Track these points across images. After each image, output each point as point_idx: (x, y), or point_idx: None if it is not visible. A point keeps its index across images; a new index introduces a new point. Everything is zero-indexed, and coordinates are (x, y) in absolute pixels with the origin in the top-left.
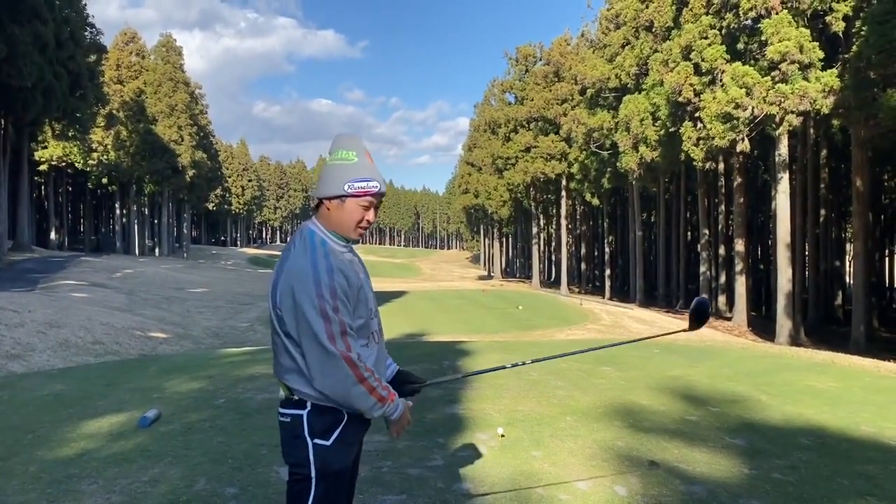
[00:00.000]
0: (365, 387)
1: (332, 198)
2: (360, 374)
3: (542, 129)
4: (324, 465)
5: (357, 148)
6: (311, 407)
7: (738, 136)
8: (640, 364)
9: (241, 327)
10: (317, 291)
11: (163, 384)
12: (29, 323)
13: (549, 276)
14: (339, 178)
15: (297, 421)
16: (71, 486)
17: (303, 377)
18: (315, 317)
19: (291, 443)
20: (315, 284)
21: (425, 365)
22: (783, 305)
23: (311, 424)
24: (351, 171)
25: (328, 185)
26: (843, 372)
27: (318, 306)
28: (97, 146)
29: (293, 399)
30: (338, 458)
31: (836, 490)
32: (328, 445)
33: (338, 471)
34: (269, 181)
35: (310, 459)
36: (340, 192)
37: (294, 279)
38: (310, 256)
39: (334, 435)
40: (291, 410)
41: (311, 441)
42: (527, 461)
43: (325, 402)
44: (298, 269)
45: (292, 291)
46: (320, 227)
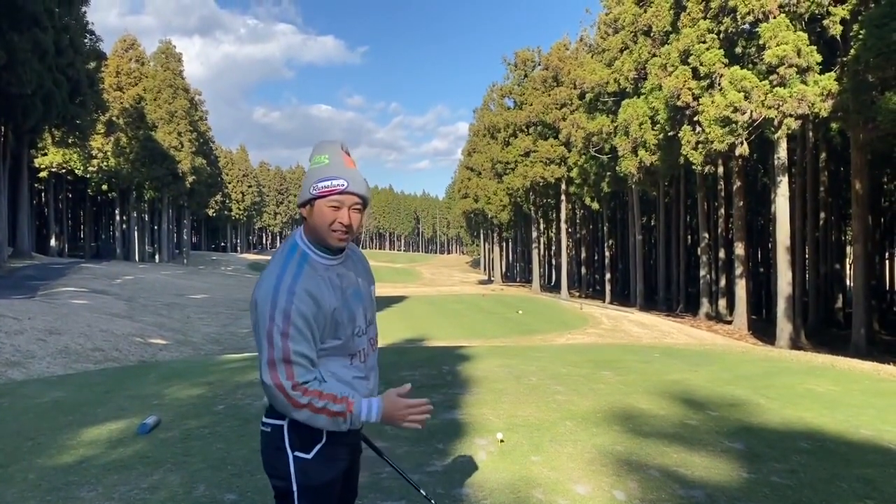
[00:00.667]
0: (309, 410)
1: (303, 204)
2: (297, 402)
3: (541, 133)
4: (305, 479)
5: (331, 151)
6: (289, 420)
7: (737, 139)
8: (639, 368)
9: (241, 333)
10: (269, 313)
11: (162, 391)
12: (29, 330)
13: (550, 281)
14: (309, 182)
15: (278, 432)
16: (70, 493)
17: None
18: (262, 339)
19: (273, 454)
20: (271, 305)
21: (424, 370)
22: (783, 308)
23: (290, 436)
24: (317, 173)
25: (301, 192)
26: (843, 375)
27: (267, 329)
28: (97, 153)
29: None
30: (319, 473)
31: (834, 494)
32: (309, 459)
33: (320, 486)
34: (269, 187)
35: (290, 472)
36: (307, 195)
37: (257, 295)
38: (276, 273)
39: (315, 449)
40: (272, 420)
41: (292, 453)
42: (526, 466)
43: None
44: (262, 286)
45: (255, 307)
46: (305, 239)
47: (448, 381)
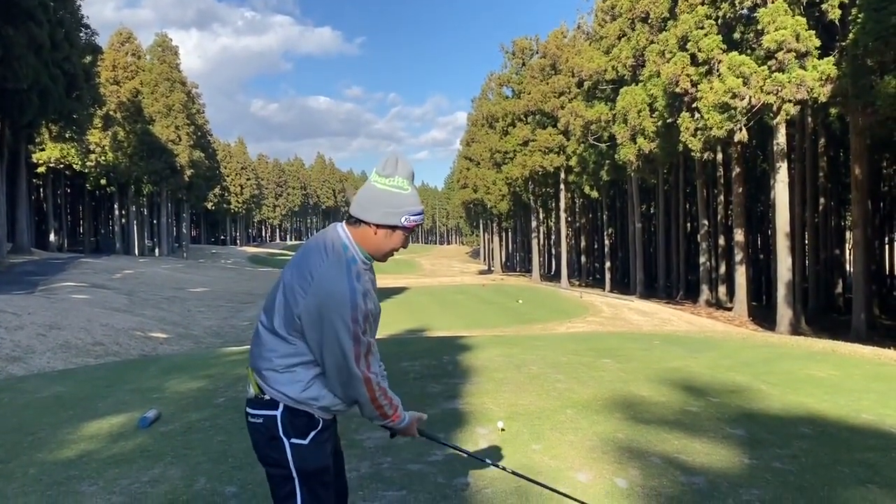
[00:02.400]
0: (374, 405)
1: (385, 226)
2: (374, 395)
3: (539, 122)
4: (303, 464)
5: (409, 177)
6: (283, 408)
7: (736, 125)
8: (640, 356)
9: (241, 326)
10: (352, 316)
11: (163, 384)
12: (29, 325)
13: (550, 270)
14: (397, 209)
15: (271, 422)
16: (71, 487)
17: (286, 379)
18: (347, 339)
19: (268, 444)
20: (352, 308)
21: (425, 360)
22: (783, 294)
23: (285, 425)
24: (407, 203)
25: (383, 213)
26: (843, 360)
27: (352, 330)
28: (95, 147)
29: (263, 399)
30: (316, 457)
31: (836, 478)
32: (305, 444)
33: (317, 469)
34: (268, 179)
35: (288, 459)
36: (397, 223)
37: (329, 299)
38: (346, 277)
39: (311, 435)
40: (263, 411)
41: (288, 441)
42: (527, 455)
43: (300, 406)
44: (335, 291)
45: (325, 308)
46: (353, 242)
47: (449, 370)
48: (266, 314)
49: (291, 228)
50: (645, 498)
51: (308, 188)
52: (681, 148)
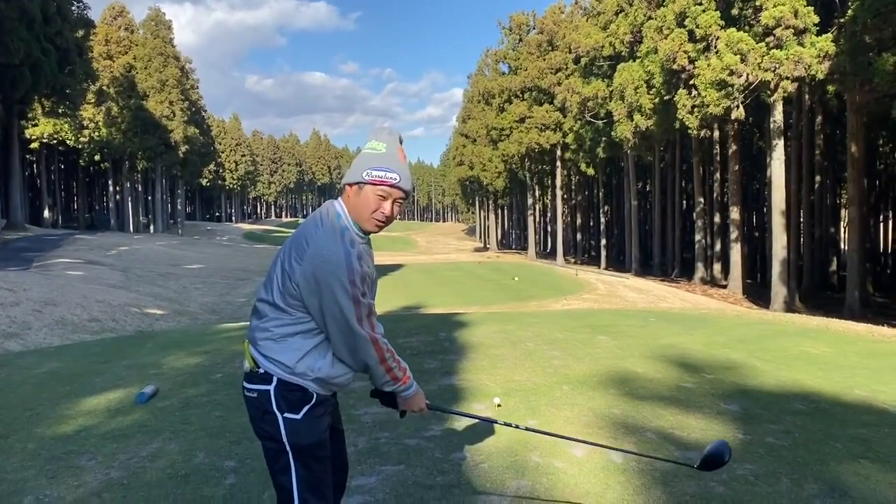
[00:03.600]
0: (384, 367)
1: (352, 183)
2: (382, 355)
3: (536, 99)
4: (296, 439)
5: (388, 141)
6: (277, 382)
7: (733, 103)
8: (635, 332)
9: (237, 303)
10: (349, 278)
11: (160, 360)
12: (24, 301)
13: (545, 247)
14: (362, 165)
15: (265, 396)
16: (70, 461)
17: (281, 349)
18: (347, 301)
19: (262, 418)
20: (348, 271)
21: (422, 337)
22: (778, 272)
23: (278, 399)
24: (373, 160)
25: (351, 171)
26: (838, 337)
27: (351, 293)
28: (88, 123)
29: (258, 373)
30: (310, 431)
31: (829, 453)
32: (299, 419)
33: (311, 444)
34: (263, 156)
35: (282, 433)
36: (359, 178)
37: (324, 263)
38: (340, 242)
39: (304, 410)
40: (257, 386)
41: (282, 415)
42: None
43: (294, 378)
44: (330, 255)
45: (320, 273)
46: (346, 213)
47: (445, 347)
48: (265, 288)
49: (287, 205)
50: (640, 473)
51: (303, 165)
52: (678, 125)
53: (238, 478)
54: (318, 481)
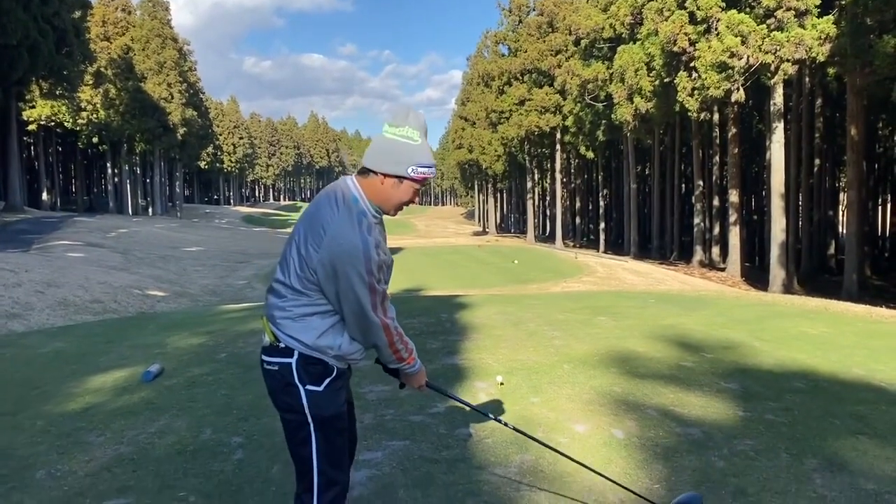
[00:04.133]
0: (392, 349)
1: (391, 175)
2: (392, 339)
3: (536, 81)
4: (318, 410)
5: (421, 129)
6: (298, 356)
7: (734, 85)
8: (635, 313)
9: (237, 285)
10: (366, 267)
11: (163, 340)
12: (26, 282)
13: (544, 231)
14: (404, 158)
15: (287, 369)
16: (79, 438)
17: (301, 327)
18: (363, 290)
19: (283, 390)
20: (365, 260)
21: (423, 318)
22: (777, 255)
23: (300, 372)
24: (416, 154)
25: (390, 162)
26: (836, 318)
27: (367, 281)
28: (86, 105)
29: (279, 347)
30: (330, 403)
31: (827, 429)
32: (320, 391)
33: (332, 415)
34: (261, 138)
35: (304, 405)
36: (403, 173)
37: (343, 253)
38: (357, 230)
39: (325, 382)
40: (278, 359)
41: (303, 387)
42: (526, 407)
43: (314, 353)
44: (348, 245)
45: (338, 262)
46: (363, 195)
47: (447, 328)
48: (281, 269)
49: (285, 188)
50: (642, 448)
51: (301, 147)
52: (678, 108)
53: (246, 453)
54: (337, 452)
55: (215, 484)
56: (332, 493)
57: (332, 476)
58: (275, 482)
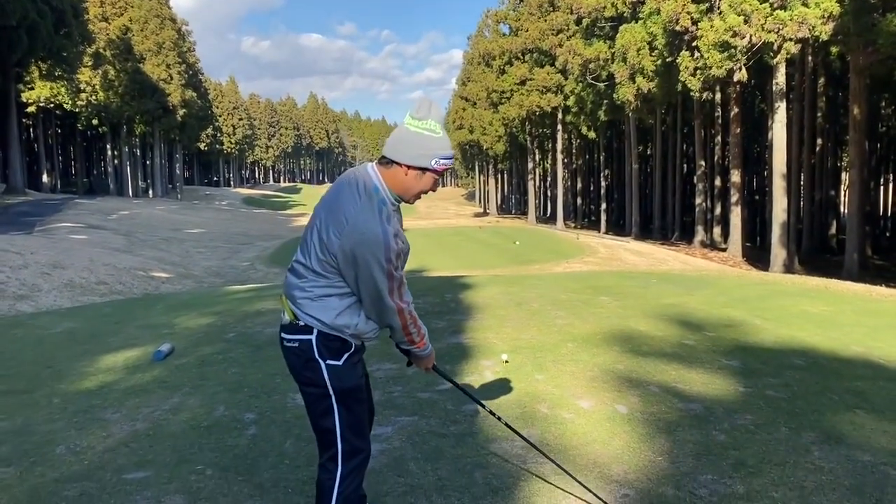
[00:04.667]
0: (405, 332)
1: (415, 167)
2: (405, 323)
3: (537, 60)
4: (339, 383)
5: (441, 121)
6: (317, 333)
7: (736, 65)
8: (637, 293)
9: (241, 266)
10: (385, 256)
11: (172, 320)
12: (33, 265)
13: (545, 212)
14: (428, 151)
15: (307, 346)
16: (95, 414)
17: (319, 307)
18: (381, 276)
19: (305, 365)
20: (385, 249)
21: (428, 299)
22: (778, 235)
23: (320, 348)
24: (439, 147)
25: (415, 155)
26: (836, 296)
27: (386, 269)
28: (85, 86)
29: (298, 325)
30: (350, 375)
31: (825, 404)
32: (340, 365)
33: (352, 387)
34: (261, 120)
35: (325, 378)
36: (428, 165)
37: (364, 242)
38: (378, 220)
39: (344, 357)
40: (299, 336)
41: (324, 362)
42: (531, 384)
43: (333, 331)
44: (370, 235)
45: (359, 250)
46: (384, 184)
47: (451, 308)
48: (302, 252)
49: (284, 170)
50: (645, 422)
51: (301, 129)
52: (680, 87)
53: (259, 429)
54: (359, 422)
55: (231, 458)
56: (356, 461)
57: (356, 444)
58: (288, 456)
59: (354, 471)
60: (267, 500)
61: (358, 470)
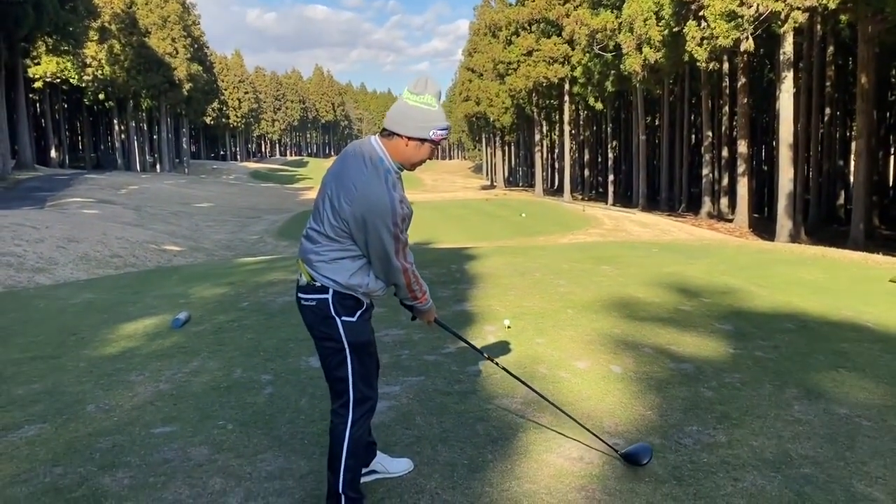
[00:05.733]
0: (409, 290)
1: (415, 138)
2: (409, 281)
3: (544, 31)
4: (354, 337)
5: (437, 96)
6: (333, 293)
7: (743, 34)
8: (638, 262)
9: (250, 240)
10: (392, 220)
11: (187, 291)
12: (48, 238)
13: (553, 184)
14: (426, 123)
15: (324, 304)
16: (121, 377)
17: (334, 269)
18: (389, 238)
19: (322, 322)
20: (392, 214)
21: (434, 269)
22: (784, 206)
23: (336, 306)
24: (435, 119)
25: (415, 127)
26: (833, 264)
27: (393, 232)
28: (91, 61)
29: (315, 285)
30: (363, 331)
31: (810, 364)
32: (354, 321)
33: (365, 342)
34: (266, 93)
35: (341, 333)
36: (426, 136)
37: (373, 207)
38: (385, 187)
39: (358, 313)
40: (316, 295)
41: (340, 319)
42: (531, 347)
43: (346, 290)
44: (378, 201)
45: (368, 215)
46: (387, 154)
47: (457, 277)
48: (314, 219)
49: (291, 143)
50: (637, 381)
51: (307, 102)
52: (686, 58)
53: (275, 388)
54: (369, 373)
55: (250, 414)
56: (365, 407)
57: (366, 393)
58: (304, 412)
59: (363, 417)
60: (285, 451)
61: (366, 416)
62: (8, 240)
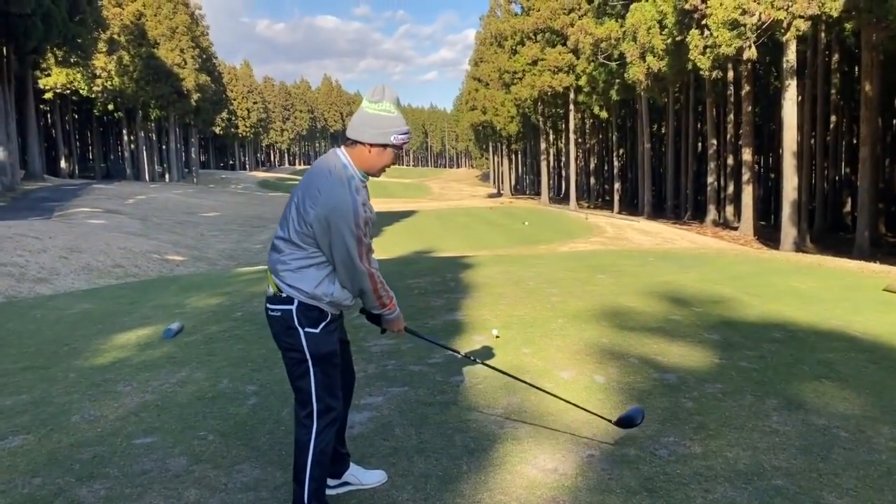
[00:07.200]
0: (375, 295)
1: (376, 144)
2: (375, 286)
3: (549, 40)
4: (317, 349)
5: (395, 102)
6: (297, 304)
7: (745, 43)
8: (633, 271)
9: (254, 249)
10: (355, 221)
11: (183, 301)
12: (51, 249)
13: (559, 192)
14: (386, 129)
15: (288, 315)
16: (108, 388)
17: (299, 278)
18: (352, 241)
19: (285, 332)
20: (354, 216)
21: (429, 278)
22: (788, 213)
23: (299, 317)
24: (395, 124)
25: (374, 133)
26: (827, 273)
27: (356, 234)
28: (100, 72)
29: (281, 296)
30: (326, 342)
31: (794, 374)
32: (317, 333)
33: (328, 353)
34: (275, 103)
35: (304, 344)
36: (387, 141)
37: (336, 209)
38: (349, 192)
39: (321, 325)
40: (281, 306)
41: (303, 330)
42: (517, 357)
43: (311, 301)
44: (340, 203)
45: (332, 216)
46: (351, 163)
47: (451, 287)
48: (281, 227)
49: (300, 153)
50: (619, 391)
51: (315, 111)
52: (690, 66)
53: (259, 399)
54: (332, 384)
55: (231, 425)
56: (329, 417)
57: (329, 403)
58: (284, 423)
59: (328, 427)
60: (262, 462)
61: (331, 426)
62: (10, 250)
